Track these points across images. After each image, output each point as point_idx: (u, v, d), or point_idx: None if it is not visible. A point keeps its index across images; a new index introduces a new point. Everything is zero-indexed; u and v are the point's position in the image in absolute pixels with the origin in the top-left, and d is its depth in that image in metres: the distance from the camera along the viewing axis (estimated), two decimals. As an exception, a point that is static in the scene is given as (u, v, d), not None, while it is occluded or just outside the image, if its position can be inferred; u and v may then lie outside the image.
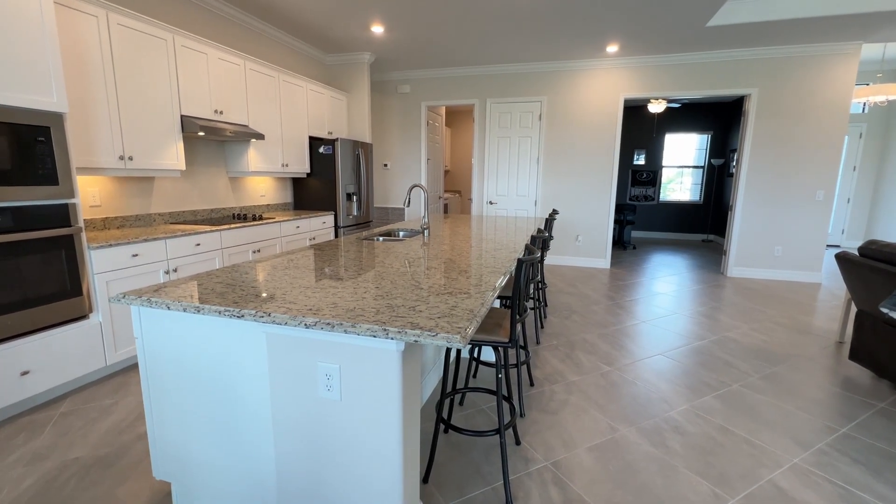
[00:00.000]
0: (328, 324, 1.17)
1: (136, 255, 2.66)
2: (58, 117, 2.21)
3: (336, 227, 4.82)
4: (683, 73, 5.17)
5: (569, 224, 5.92)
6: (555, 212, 3.72)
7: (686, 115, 8.52)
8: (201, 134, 3.25)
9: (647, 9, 3.81)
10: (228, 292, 1.44)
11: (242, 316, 1.26)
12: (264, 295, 1.41)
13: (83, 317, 2.42)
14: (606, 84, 5.43)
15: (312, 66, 5.21)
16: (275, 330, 1.29)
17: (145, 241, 2.71)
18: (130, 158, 2.82)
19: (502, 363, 2.08)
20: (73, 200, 2.31)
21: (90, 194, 2.91)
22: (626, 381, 2.61)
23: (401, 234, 3.27)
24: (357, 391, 1.25)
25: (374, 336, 1.13)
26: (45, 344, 2.23)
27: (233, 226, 3.38)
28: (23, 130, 2.07)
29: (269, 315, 1.23)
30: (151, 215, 3.34)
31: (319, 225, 4.53)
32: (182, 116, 3.17)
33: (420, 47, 5.00)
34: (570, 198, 5.82)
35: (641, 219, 9.13)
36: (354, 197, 5.01)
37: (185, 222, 3.52)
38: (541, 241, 2.56)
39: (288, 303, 1.33)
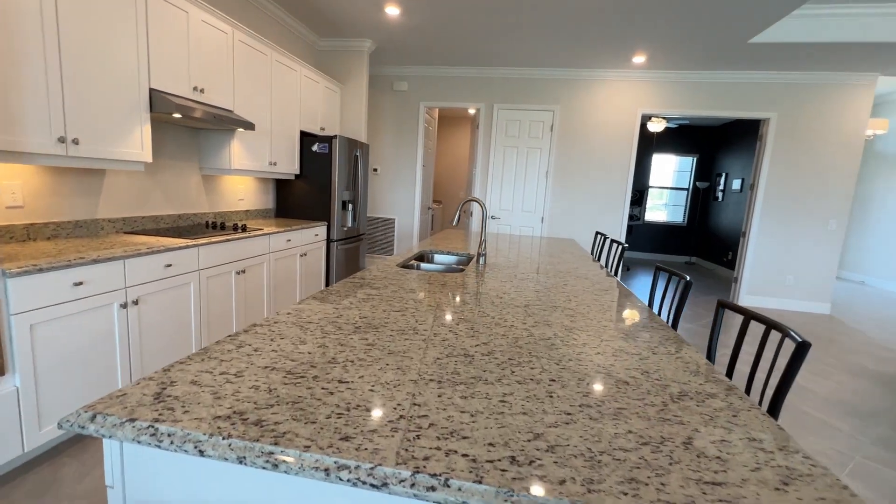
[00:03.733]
0: (610, 522, 0.53)
1: (80, 282, 1.82)
2: (-39, 68, 1.37)
3: (329, 240, 4.05)
4: (703, 92, 4.95)
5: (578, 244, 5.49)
6: (599, 234, 3.22)
7: (675, 137, 8.51)
8: (177, 116, 2.43)
9: (693, 19, 3.47)
10: (315, 403, 0.74)
11: (386, 484, 0.59)
12: (397, 418, 0.73)
13: (-11, 382, 1.56)
14: (625, 97, 5.10)
15: (302, 49, 4.43)
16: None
17: (95, 262, 1.87)
18: (75, 142, 1.97)
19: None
20: (-20, 201, 1.47)
21: (6, 189, 2.01)
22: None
23: (436, 257, 2.63)
24: None
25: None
26: (-83, 434, 1.36)
27: (213, 239, 2.57)
28: None
29: (459, 490, 0.57)
30: (98, 221, 2.45)
31: (311, 238, 3.75)
32: (151, 90, 2.34)
33: (428, 39, 4.38)
34: (579, 216, 5.40)
35: (628, 239, 9.01)
36: (350, 205, 4.26)
37: (144, 231, 2.64)
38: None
39: (454, 438, 0.67)
